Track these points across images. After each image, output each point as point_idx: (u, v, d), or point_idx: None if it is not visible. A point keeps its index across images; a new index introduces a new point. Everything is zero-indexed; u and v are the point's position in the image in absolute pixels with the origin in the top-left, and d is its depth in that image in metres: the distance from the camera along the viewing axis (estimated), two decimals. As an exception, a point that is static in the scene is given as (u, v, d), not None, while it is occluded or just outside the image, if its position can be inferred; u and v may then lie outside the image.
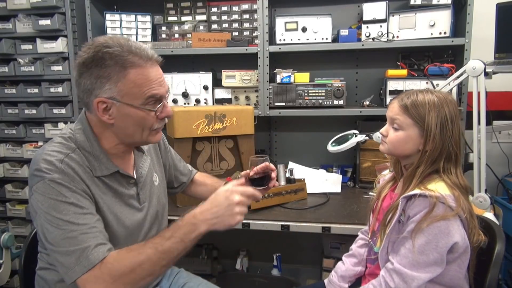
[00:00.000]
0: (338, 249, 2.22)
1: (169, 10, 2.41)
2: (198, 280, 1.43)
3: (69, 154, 1.05)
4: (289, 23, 2.13)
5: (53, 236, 0.98)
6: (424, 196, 1.05)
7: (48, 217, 0.99)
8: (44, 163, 1.01)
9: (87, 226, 0.99)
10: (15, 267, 2.30)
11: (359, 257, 1.37)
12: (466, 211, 1.06)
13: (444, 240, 1.03)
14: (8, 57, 2.37)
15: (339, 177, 2.14)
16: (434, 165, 1.12)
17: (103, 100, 1.02)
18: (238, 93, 2.27)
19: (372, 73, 2.32)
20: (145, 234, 1.22)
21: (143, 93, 1.03)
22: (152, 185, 1.28)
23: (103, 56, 1.00)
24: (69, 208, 0.99)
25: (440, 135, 1.10)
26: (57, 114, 2.36)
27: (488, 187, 1.60)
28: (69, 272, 0.97)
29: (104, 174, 1.10)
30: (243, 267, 2.54)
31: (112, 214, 1.11)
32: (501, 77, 1.82)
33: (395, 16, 2.05)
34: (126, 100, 1.03)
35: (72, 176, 1.02)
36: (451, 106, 1.12)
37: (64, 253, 0.97)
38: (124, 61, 1.01)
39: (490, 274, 1.10)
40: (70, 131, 1.11)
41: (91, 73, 1.01)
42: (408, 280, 1.04)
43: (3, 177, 2.47)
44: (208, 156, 1.98)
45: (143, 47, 1.05)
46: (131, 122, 1.06)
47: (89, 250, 0.97)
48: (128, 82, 1.02)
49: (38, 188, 1.00)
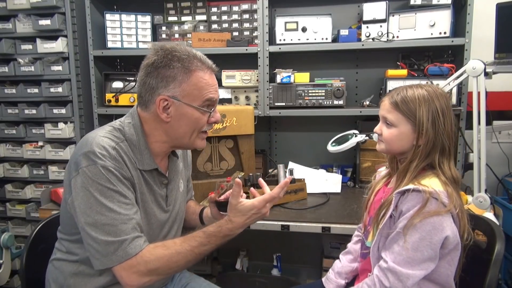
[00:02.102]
0: (338, 249, 2.22)
1: (169, 10, 2.41)
2: (200, 280, 1.44)
3: (119, 143, 1.11)
4: (289, 23, 2.13)
5: (93, 221, 1.02)
6: (417, 191, 1.05)
7: (91, 200, 1.02)
8: (97, 147, 1.05)
9: (127, 217, 1.05)
10: (15, 267, 2.30)
11: (355, 254, 1.38)
12: (458, 208, 1.06)
13: (438, 236, 1.03)
14: (8, 57, 2.37)
15: (339, 177, 2.14)
16: (428, 159, 1.12)
17: (166, 98, 1.10)
18: (238, 93, 2.27)
19: (372, 73, 2.32)
20: (163, 236, 1.25)
21: (202, 95, 1.12)
22: (178, 191, 1.32)
23: (172, 58, 1.09)
24: (115, 196, 1.04)
25: (433, 129, 1.10)
26: (57, 114, 2.36)
27: (488, 187, 1.60)
28: (103, 259, 1.02)
29: (146, 168, 1.15)
30: (243, 267, 2.53)
31: (143, 208, 1.15)
32: (501, 77, 1.82)
33: (395, 16, 2.05)
34: (186, 100, 1.11)
35: (122, 164, 1.08)
36: (441, 99, 1.12)
37: (101, 242, 1.02)
38: (190, 65, 1.10)
39: (490, 274, 1.10)
40: (120, 123, 1.17)
41: (158, 73, 1.10)
42: (403, 279, 1.04)
43: (3, 177, 2.47)
44: (208, 156, 1.98)
45: (205, 57, 1.16)
46: (186, 122, 1.13)
47: (127, 243, 1.02)
48: (191, 84, 1.10)
49: (89, 170, 1.03)
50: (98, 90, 2.36)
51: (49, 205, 1.97)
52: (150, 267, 1.03)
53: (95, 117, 2.35)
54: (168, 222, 1.27)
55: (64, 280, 1.15)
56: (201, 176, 1.96)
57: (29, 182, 2.49)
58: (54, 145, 2.42)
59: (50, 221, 1.38)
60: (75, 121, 2.37)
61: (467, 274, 1.19)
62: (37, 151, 2.39)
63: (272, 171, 2.12)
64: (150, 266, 1.03)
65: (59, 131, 2.35)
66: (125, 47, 2.34)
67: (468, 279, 1.19)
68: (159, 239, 1.22)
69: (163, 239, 1.24)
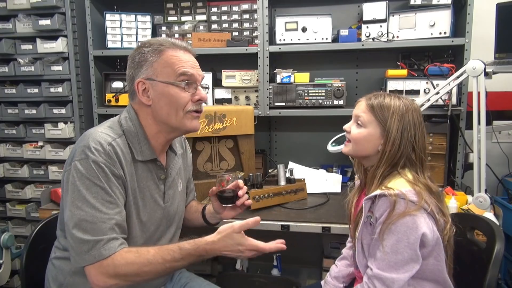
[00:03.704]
0: (338, 249, 2.22)
1: (169, 10, 2.41)
2: (199, 280, 1.44)
3: (116, 139, 1.12)
4: (289, 23, 2.13)
5: (73, 215, 1.03)
6: (384, 195, 1.07)
7: (75, 194, 1.04)
8: (93, 141, 1.08)
9: (107, 216, 1.05)
10: (15, 267, 2.30)
11: (350, 259, 1.40)
12: (430, 204, 1.07)
13: (414, 235, 1.03)
14: (8, 57, 2.37)
15: (339, 177, 2.14)
16: (394, 167, 1.15)
17: (142, 80, 1.15)
18: (238, 93, 2.27)
19: (372, 73, 2.32)
20: (160, 234, 1.25)
21: (175, 70, 1.14)
22: (176, 189, 1.31)
23: (143, 45, 1.17)
24: (100, 192, 1.05)
25: (401, 139, 1.13)
26: (57, 114, 2.36)
27: (488, 187, 1.59)
28: (77, 257, 1.03)
29: (145, 158, 1.17)
30: (243, 267, 2.53)
31: (135, 205, 1.16)
32: (501, 77, 1.82)
33: (395, 16, 2.05)
34: (160, 78, 1.14)
35: (115, 160, 1.09)
36: (415, 114, 1.17)
37: (77, 240, 1.02)
38: (160, 46, 1.15)
39: (489, 274, 1.10)
40: (118, 118, 1.20)
41: (132, 61, 1.17)
42: (389, 284, 1.05)
43: (3, 177, 2.47)
44: (208, 156, 1.98)
45: (180, 41, 1.21)
46: (165, 101, 1.15)
47: (102, 244, 1.02)
48: (162, 61, 1.14)
49: (80, 164, 1.05)
50: (98, 90, 2.36)
51: (49, 205, 1.97)
52: (118, 271, 1.03)
53: (95, 117, 2.35)
54: (164, 220, 1.26)
55: (64, 278, 1.15)
56: (201, 176, 1.95)
57: (29, 182, 2.49)
58: (54, 145, 2.42)
59: (50, 221, 1.38)
60: (75, 121, 2.37)
61: (467, 274, 1.20)
62: (37, 151, 2.39)
63: (272, 171, 2.11)
64: (118, 270, 1.03)
65: (59, 131, 2.35)
66: (125, 47, 2.34)
67: (468, 279, 1.20)
68: (155, 237, 1.23)
69: (159, 238, 1.25)
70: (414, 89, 2.04)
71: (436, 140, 2.03)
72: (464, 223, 1.27)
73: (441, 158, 2.02)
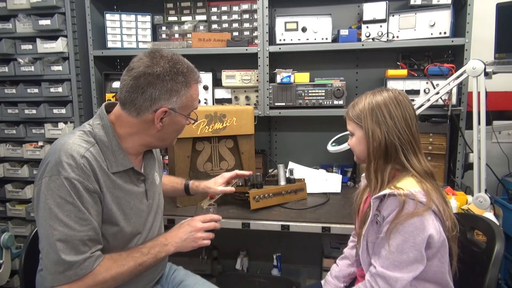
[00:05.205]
0: (338, 249, 2.22)
1: (169, 10, 2.41)
2: (196, 278, 1.44)
3: (89, 148, 1.09)
4: (289, 23, 2.13)
5: (46, 235, 1.01)
6: (393, 195, 1.07)
7: (46, 213, 1.01)
8: (65, 155, 1.03)
9: (82, 233, 1.04)
10: (15, 267, 2.30)
11: (352, 259, 1.40)
12: (438, 204, 1.07)
13: (421, 236, 1.03)
14: (8, 57, 2.37)
15: (339, 177, 2.14)
16: (386, 159, 1.16)
17: (167, 110, 1.12)
18: (238, 93, 2.27)
19: (372, 73, 2.32)
20: (149, 227, 1.28)
21: (193, 106, 1.20)
22: (154, 184, 1.33)
23: (177, 72, 1.12)
24: (73, 210, 1.02)
25: (380, 131, 1.15)
26: (57, 114, 2.36)
27: (488, 187, 1.59)
28: (50, 277, 1.02)
29: (120, 170, 1.15)
30: (243, 267, 2.54)
31: (120, 210, 1.15)
32: (501, 77, 1.82)
33: (395, 16, 2.05)
34: (181, 111, 1.16)
35: (88, 174, 1.06)
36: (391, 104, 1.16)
37: (52, 261, 1.01)
38: (190, 79, 1.15)
39: (489, 274, 1.10)
40: (89, 126, 1.16)
41: (163, 86, 1.10)
42: (392, 282, 1.05)
43: (3, 177, 2.47)
44: (208, 156, 1.98)
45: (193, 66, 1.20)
46: (175, 129, 1.20)
47: (78, 265, 1.02)
48: (188, 96, 1.16)
49: (52, 181, 1.01)
50: (98, 90, 2.36)
51: (49, 205, 1.96)
52: (97, 280, 1.05)
53: (95, 117, 2.35)
54: (151, 214, 1.29)
55: None
56: (201, 176, 1.95)
57: (29, 182, 2.49)
58: (54, 145, 2.42)
59: (50, 221, 1.37)
60: (75, 121, 2.37)
61: (467, 274, 1.20)
62: (37, 151, 2.39)
63: (272, 171, 2.11)
64: (97, 279, 1.05)
65: (59, 131, 2.35)
66: (125, 47, 2.34)
67: (468, 279, 1.20)
68: (145, 231, 1.26)
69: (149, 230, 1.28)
70: (414, 89, 2.04)
71: (436, 140, 2.03)
72: (464, 223, 1.27)
73: (441, 158, 2.02)
